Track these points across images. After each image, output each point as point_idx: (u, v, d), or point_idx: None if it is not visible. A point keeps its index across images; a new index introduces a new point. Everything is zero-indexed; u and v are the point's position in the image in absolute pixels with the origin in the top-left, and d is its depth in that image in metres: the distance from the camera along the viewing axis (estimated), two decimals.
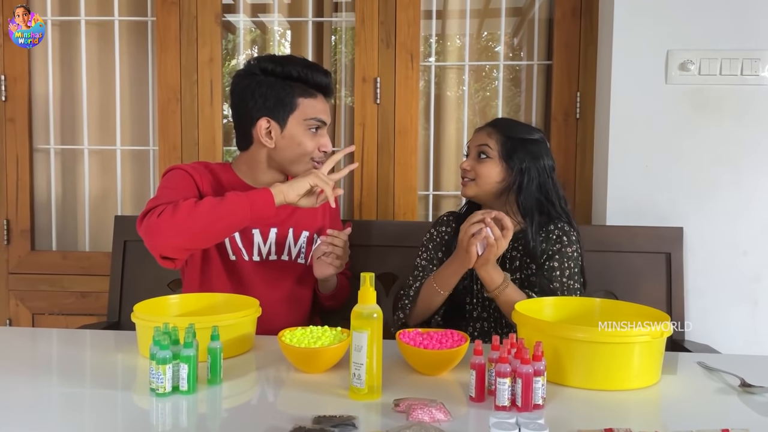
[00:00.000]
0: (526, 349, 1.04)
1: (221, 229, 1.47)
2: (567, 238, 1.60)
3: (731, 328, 2.01)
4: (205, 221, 1.43)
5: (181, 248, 1.48)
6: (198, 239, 1.47)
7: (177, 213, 1.42)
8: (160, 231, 1.43)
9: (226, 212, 1.43)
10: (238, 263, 1.65)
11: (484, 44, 2.51)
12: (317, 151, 1.64)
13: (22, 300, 2.35)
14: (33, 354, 1.42)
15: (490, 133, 1.64)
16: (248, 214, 1.44)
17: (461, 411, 1.04)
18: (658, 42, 1.99)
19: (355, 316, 1.08)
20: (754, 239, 2.00)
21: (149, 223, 1.44)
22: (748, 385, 1.16)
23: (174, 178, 1.61)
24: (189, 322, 1.16)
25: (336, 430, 0.93)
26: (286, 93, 1.60)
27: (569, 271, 1.58)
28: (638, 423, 0.98)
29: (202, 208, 1.43)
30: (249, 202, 1.44)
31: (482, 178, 1.62)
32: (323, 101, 1.66)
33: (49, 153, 2.43)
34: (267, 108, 1.60)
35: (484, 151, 1.62)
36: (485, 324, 1.64)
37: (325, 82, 1.64)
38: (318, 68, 1.65)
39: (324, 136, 1.65)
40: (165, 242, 1.45)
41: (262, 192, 1.47)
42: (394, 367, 1.25)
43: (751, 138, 1.99)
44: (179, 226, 1.42)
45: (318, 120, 1.62)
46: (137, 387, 1.16)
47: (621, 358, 1.13)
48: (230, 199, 1.45)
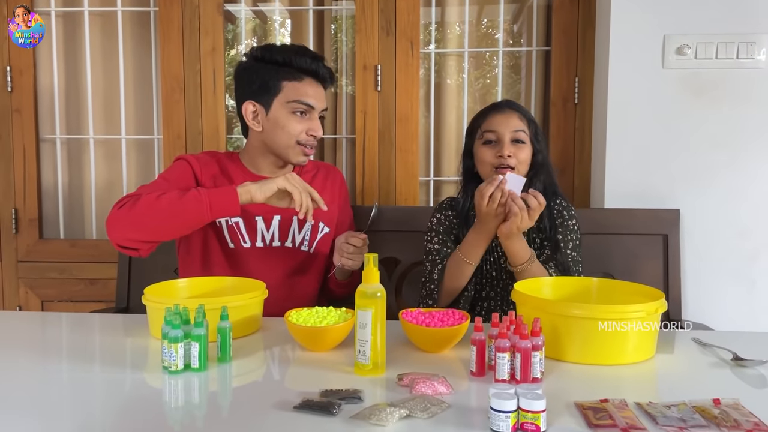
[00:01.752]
0: (525, 325, 1.08)
1: (179, 225, 1.50)
2: (567, 212, 1.65)
3: (728, 308, 2.05)
4: (162, 217, 1.46)
5: (138, 240, 1.51)
6: (155, 233, 1.50)
7: (136, 207, 1.46)
8: (117, 223, 1.48)
9: (183, 209, 1.46)
10: (237, 250, 1.68)
11: (484, 31, 2.54)
12: (304, 135, 1.65)
13: (32, 288, 2.39)
14: (43, 337, 1.46)
15: (521, 117, 1.64)
16: (207, 212, 1.46)
17: (463, 385, 1.08)
18: (655, 27, 2.01)
19: (359, 295, 1.12)
20: (750, 220, 2.03)
21: (111, 215, 1.49)
22: (740, 358, 1.19)
23: (173, 168, 1.67)
24: (199, 303, 1.19)
25: (342, 402, 0.96)
26: (270, 76, 1.64)
27: (572, 243, 1.63)
28: (633, 395, 1.01)
29: (160, 204, 1.46)
30: (209, 202, 1.45)
31: (522, 164, 1.62)
32: (312, 85, 1.66)
33: (55, 143, 2.46)
34: (252, 92, 1.65)
35: (520, 137, 1.62)
36: (492, 303, 1.67)
37: (311, 66, 1.65)
38: (305, 52, 1.66)
39: (313, 121, 1.66)
40: (121, 234, 1.49)
41: (225, 191, 1.48)
42: (398, 345, 1.28)
43: (746, 121, 2.01)
44: (136, 220, 1.46)
45: (302, 103, 1.64)
46: (149, 367, 1.20)
47: (617, 334, 1.17)
48: (190, 196, 1.46)
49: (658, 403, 0.98)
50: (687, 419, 0.91)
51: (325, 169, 1.85)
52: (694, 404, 0.97)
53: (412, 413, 0.92)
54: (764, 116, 2.01)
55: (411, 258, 2.02)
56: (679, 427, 0.89)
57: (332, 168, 1.88)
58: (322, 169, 1.83)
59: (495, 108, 1.68)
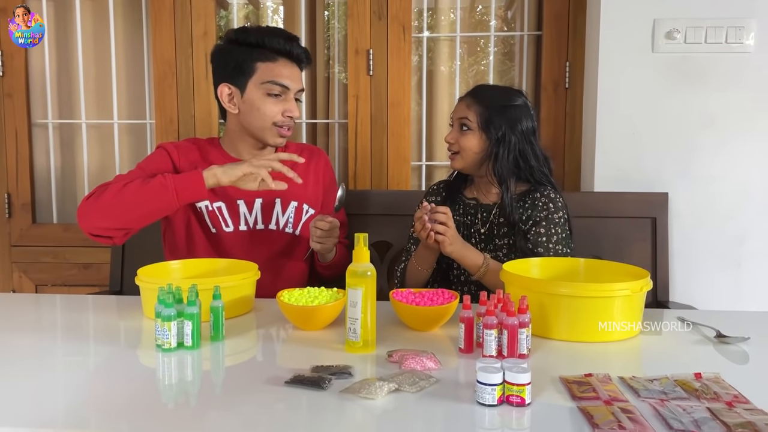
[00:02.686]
0: (512, 303, 1.10)
1: (147, 211, 1.52)
2: (553, 204, 1.64)
3: (715, 290, 2.08)
4: (128, 205, 1.49)
5: (109, 228, 1.53)
6: (123, 221, 1.53)
7: (102, 197, 1.49)
8: (85, 213, 1.51)
9: (149, 196, 1.48)
10: (220, 234, 1.69)
11: (478, 18, 2.54)
12: (280, 116, 1.65)
13: (25, 272, 2.40)
14: (37, 318, 1.48)
15: (469, 104, 1.67)
16: (174, 198, 1.48)
17: (451, 361, 1.10)
18: (645, 11, 2.02)
19: (350, 274, 1.14)
20: (737, 204, 2.06)
21: (80, 206, 1.52)
22: (723, 336, 1.22)
23: (151, 157, 1.69)
24: (191, 283, 1.21)
25: (333, 377, 0.99)
26: (243, 58, 1.64)
27: (556, 236, 1.63)
28: (617, 369, 1.04)
29: (126, 193, 1.48)
30: (174, 187, 1.48)
31: (465, 150, 1.66)
32: (286, 65, 1.66)
33: (47, 127, 2.46)
34: (227, 74, 1.66)
35: (465, 123, 1.66)
36: (473, 287, 1.69)
37: (285, 47, 1.65)
38: (279, 32, 1.67)
39: (288, 101, 1.66)
40: (91, 223, 1.52)
41: (190, 175, 1.50)
42: (389, 325, 1.31)
43: (735, 105, 2.03)
44: (103, 210, 1.49)
45: (276, 83, 1.64)
46: (142, 345, 1.21)
47: (603, 312, 1.19)
48: (156, 183, 1.48)
49: (641, 377, 1.00)
50: (668, 392, 0.94)
51: (309, 151, 1.85)
52: (676, 378, 0.99)
53: (400, 387, 0.94)
54: (752, 100, 2.03)
55: (402, 242, 2.04)
56: (660, 399, 0.91)
57: (316, 149, 1.88)
58: (306, 151, 1.83)
59: (464, 95, 1.73)
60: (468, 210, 1.72)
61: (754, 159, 2.05)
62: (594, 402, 0.90)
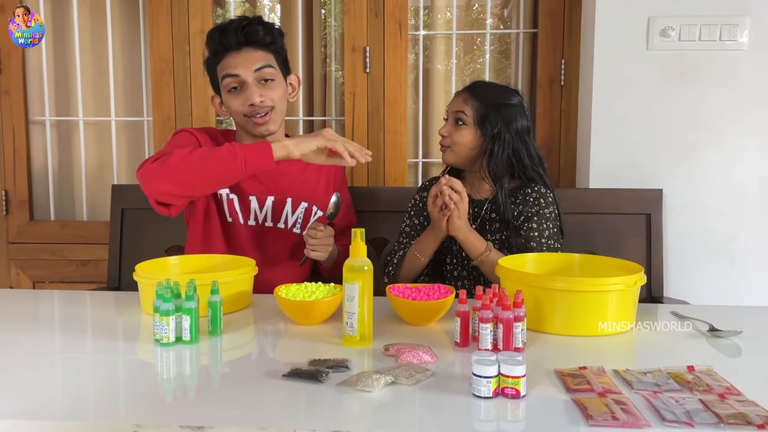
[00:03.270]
0: (507, 297, 1.11)
1: (214, 178, 1.47)
2: (544, 200, 1.66)
3: (709, 285, 2.10)
4: (197, 170, 1.44)
5: (172, 194, 1.50)
6: (189, 187, 1.48)
7: (170, 159, 1.44)
8: (153, 176, 1.46)
9: (218, 163, 1.43)
10: (234, 225, 1.70)
11: (474, 16, 2.55)
12: (245, 107, 1.64)
13: (23, 269, 2.40)
14: (35, 313, 1.48)
15: (466, 99, 1.67)
16: (242, 166, 1.43)
17: (447, 355, 1.11)
18: (639, 9, 2.04)
19: (347, 269, 1.15)
20: (731, 200, 2.07)
21: (144, 169, 1.48)
22: (716, 329, 1.23)
23: (180, 137, 1.67)
24: (189, 278, 1.22)
25: (330, 371, 1.00)
26: (211, 67, 1.69)
27: (548, 231, 1.64)
28: (611, 362, 1.05)
29: (194, 157, 1.44)
30: (242, 156, 1.42)
31: (458, 144, 1.67)
32: (232, 56, 1.64)
33: (44, 125, 2.46)
34: (213, 87, 1.72)
35: (460, 117, 1.66)
36: (465, 282, 1.70)
37: (221, 41, 1.64)
38: (214, 30, 1.67)
39: (246, 90, 1.63)
40: (157, 187, 1.48)
41: (260, 146, 1.44)
42: (386, 320, 1.32)
43: (729, 102, 2.05)
44: (171, 173, 1.44)
45: (228, 76, 1.64)
46: (141, 340, 1.23)
47: (597, 306, 1.21)
48: (224, 150, 1.44)
49: (635, 370, 1.01)
50: (661, 384, 0.95)
51: None
52: (669, 371, 1.01)
53: (397, 380, 0.96)
54: (746, 97, 2.04)
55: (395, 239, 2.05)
56: (653, 391, 0.93)
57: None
58: None
59: (461, 90, 1.73)
60: None
61: (748, 155, 2.06)
62: (588, 394, 0.92)
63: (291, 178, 1.73)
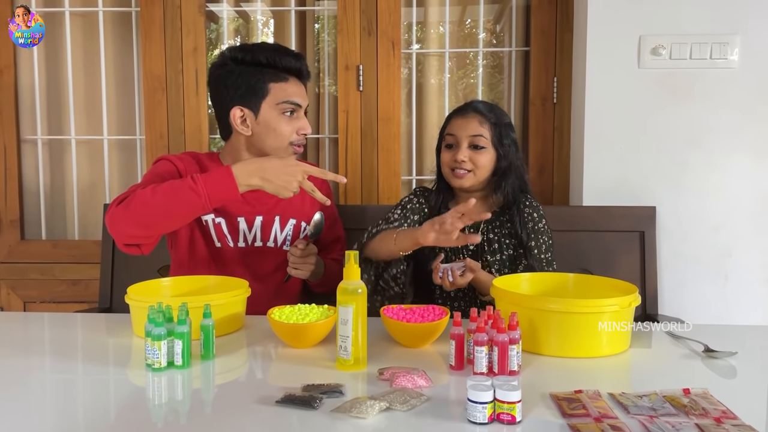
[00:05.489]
0: (502, 319, 1.10)
1: (177, 217, 1.47)
2: (536, 213, 1.67)
3: (703, 302, 2.09)
4: (160, 210, 1.43)
5: (139, 236, 1.50)
6: (154, 227, 1.48)
7: (132, 202, 1.44)
8: (117, 220, 1.46)
9: (182, 202, 1.42)
10: (223, 249, 1.69)
11: (467, 32, 2.56)
12: (295, 135, 1.66)
13: (14, 289, 2.38)
14: (25, 336, 1.46)
15: (481, 121, 1.65)
16: (206, 203, 1.41)
17: (442, 378, 1.10)
18: (631, 28, 2.05)
19: (340, 292, 1.14)
20: (723, 217, 2.08)
21: (110, 213, 1.47)
22: (711, 350, 1.23)
23: (158, 168, 1.65)
24: (181, 301, 1.21)
25: (324, 396, 0.99)
26: (257, 80, 1.63)
27: (545, 245, 1.66)
28: (607, 385, 1.05)
29: (156, 198, 1.42)
30: (206, 193, 1.41)
31: (480, 169, 1.65)
32: (296, 84, 1.68)
33: (36, 143, 2.45)
34: (239, 96, 1.64)
35: (479, 142, 1.64)
36: (461, 303, 1.69)
37: (295, 66, 1.66)
38: (287, 51, 1.67)
39: (301, 119, 1.68)
40: (123, 231, 1.48)
41: (223, 180, 1.42)
42: (379, 341, 1.31)
43: (720, 119, 2.06)
44: (134, 216, 1.44)
45: (291, 103, 1.65)
46: (132, 364, 1.21)
47: (592, 327, 1.20)
48: (187, 188, 1.41)
49: (631, 394, 1.01)
50: (657, 408, 0.94)
51: None
52: (664, 394, 1.00)
53: (392, 406, 0.95)
54: (737, 115, 2.05)
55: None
56: (649, 416, 0.92)
57: None
58: None
59: (459, 111, 1.71)
60: None
61: (740, 172, 2.07)
62: (584, 419, 0.91)
63: (277, 198, 1.72)
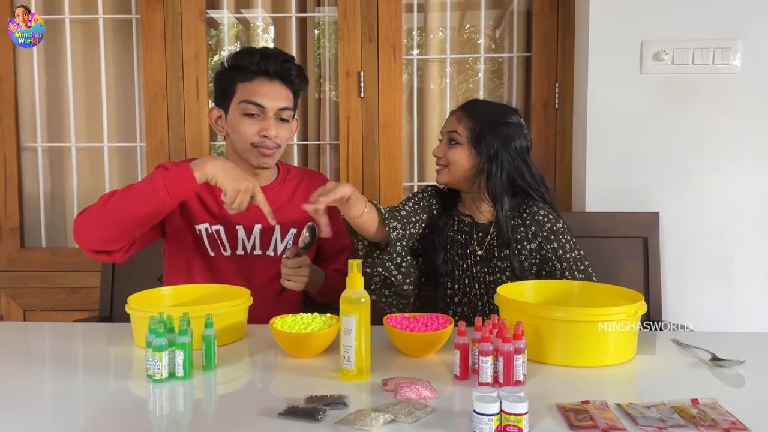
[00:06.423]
0: (507, 329, 1.09)
1: (140, 214, 1.45)
2: (552, 215, 1.64)
3: (707, 308, 2.08)
4: (120, 210, 1.43)
5: (106, 240, 1.48)
6: (119, 228, 1.46)
7: (94, 207, 1.44)
8: (81, 228, 1.46)
9: (140, 198, 1.42)
10: (217, 259, 1.68)
11: (467, 37, 2.56)
12: (257, 137, 1.63)
13: (14, 297, 2.37)
14: (26, 346, 1.45)
15: (460, 118, 1.65)
16: (165, 196, 1.41)
17: (447, 389, 1.09)
18: (633, 33, 2.05)
19: (343, 301, 1.13)
20: (727, 222, 2.07)
21: (75, 221, 1.47)
22: (718, 359, 1.22)
23: None
24: (183, 311, 1.19)
25: (327, 408, 0.97)
26: (228, 80, 1.65)
27: (569, 244, 1.61)
28: (614, 395, 1.03)
29: (115, 198, 1.43)
30: (163, 185, 1.41)
31: (453, 164, 1.64)
32: (263, 84, 1.63)
33: (36, 151, 2.44)
34: (216, 98, 1.69)
35: (454, 137, 1.64)
36: (465, 309, 1.67)
37: (260, 65, 1.62)
38: (254, 51, 1.65)
39: (266, 120, 1.63)
40: (88, 237, 1.48)
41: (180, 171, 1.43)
42: (383, 351, 1.29)
43: (723, 124, 2.05)
44: (96, 220, 1.44)
45: (251, 102, 1.61)
46: (133, 375, 1.19)
47: (598, 336, 1.19)
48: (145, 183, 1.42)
49: (638, 404, 0.99)
50: (666, 419, 0.93)
51: (310, 177, 1.84)
52: (673, 404, 0.99)
53: (396, 418, 0.93)
54: (740, 119, 2.05)
55: None
56: (658, 427, 0.91)
57: (317, 174, 1.88)
58: (307, 177, 1.83)
59: (455, 109, 1.72)
60: (462, 228, 1.69)
61: (743, 177, 2.06)
62: (592, 431, 0.89)
63: (277, 206, 1.70)
